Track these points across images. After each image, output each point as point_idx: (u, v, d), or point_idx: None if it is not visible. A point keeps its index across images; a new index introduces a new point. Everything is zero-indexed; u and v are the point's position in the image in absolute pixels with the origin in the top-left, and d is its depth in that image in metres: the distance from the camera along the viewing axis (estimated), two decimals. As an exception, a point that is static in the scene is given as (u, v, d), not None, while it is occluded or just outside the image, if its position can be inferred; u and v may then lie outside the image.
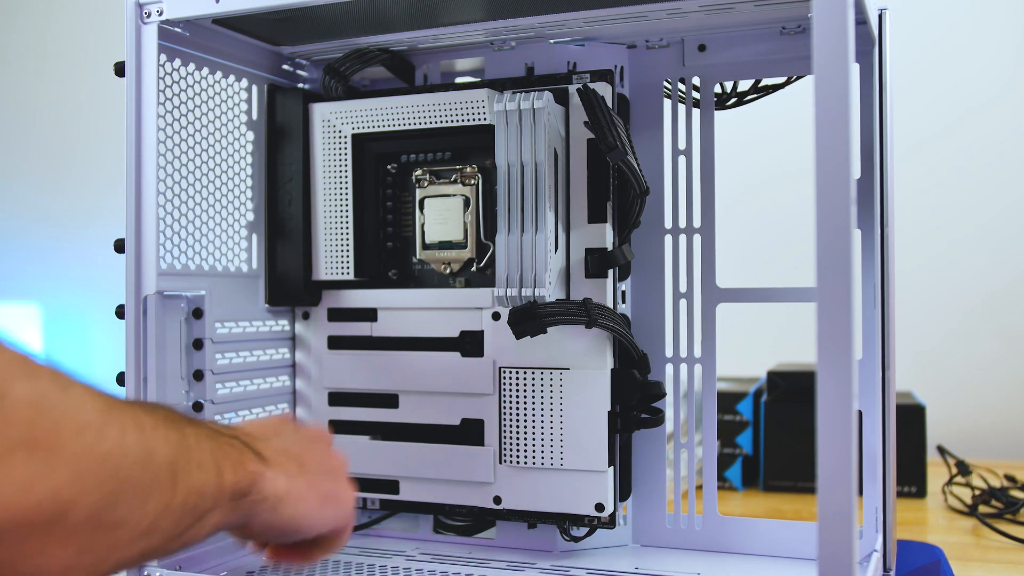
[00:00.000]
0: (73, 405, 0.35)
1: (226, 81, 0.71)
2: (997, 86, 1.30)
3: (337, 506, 0.53)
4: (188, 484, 0.41)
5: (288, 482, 0.48)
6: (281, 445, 0.51)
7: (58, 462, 0.34)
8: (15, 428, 0.32)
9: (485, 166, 0.70)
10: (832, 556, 0.41)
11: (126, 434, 0.37)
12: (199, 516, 0.42)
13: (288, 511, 0.49)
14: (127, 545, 0.38)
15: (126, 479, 0.37)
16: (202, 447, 0.43)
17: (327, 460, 0.54)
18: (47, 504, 0.33)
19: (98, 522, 0.36)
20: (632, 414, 0.67)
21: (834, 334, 0.41)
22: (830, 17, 0.42)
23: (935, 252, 1.31)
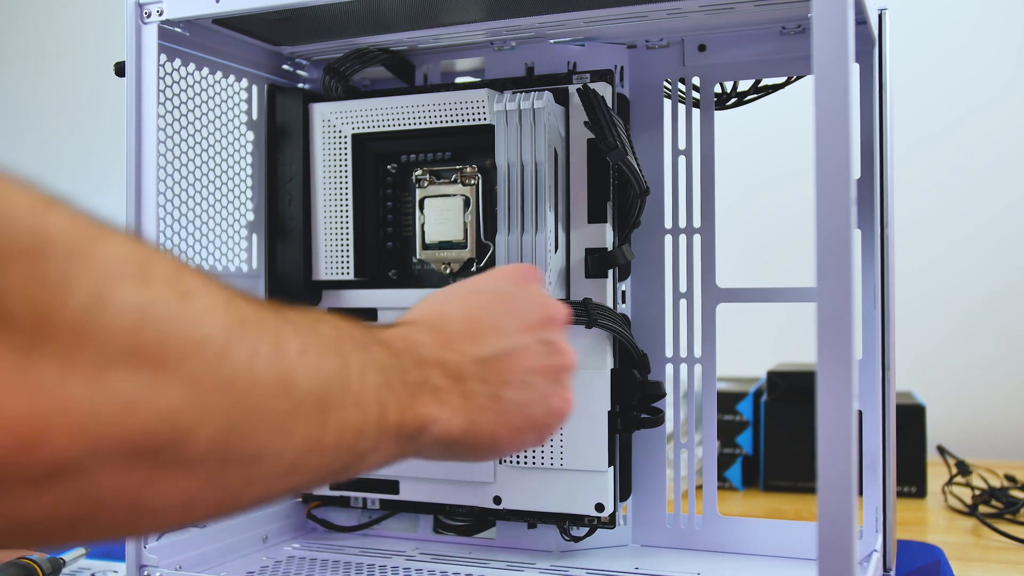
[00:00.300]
0: (190, 318, 0.30)
1: (226, 81, 0.71)
2: (997, 86, 1.30)
3: (536, 432, 0.46)
4: (342, 421, 0.36)
5: (468, 421, 0.42)
6: (480, 352, 0.44)
7: (169, 381, 0.29)
8: (114, 339, 0.27)
9: (485, 166, 0.70)
10: (832, 556, 0.41)
11: (257, 357, 0.32)
12: (357, 456, 0.37)
13: (463, 449, 0.43)
14: (267, 481, 0.33)
15: (258, 408, 0.32)
16: (365, 380, 0.37)
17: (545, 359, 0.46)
18: (158, 427, 0.28)
19: (226, 453, 0.31)
20: (632, 414, 0.67)
21: (834, 334, 0.41)
22: (830, 17, 0.42)
23: (935, 252, 1.31)
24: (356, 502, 0.74)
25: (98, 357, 0.27)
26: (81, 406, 0.26)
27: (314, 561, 0.69)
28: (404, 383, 0.40)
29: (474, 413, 0.43)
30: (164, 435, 0.29)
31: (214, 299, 0.31)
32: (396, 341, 0.42)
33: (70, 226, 0.27)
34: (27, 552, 0.64)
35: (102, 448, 0.27)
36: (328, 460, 0.36)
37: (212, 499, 0.32)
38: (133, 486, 0.29)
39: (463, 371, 0.43)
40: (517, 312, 0.47)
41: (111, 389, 0.27)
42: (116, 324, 0.27)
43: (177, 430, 0.29)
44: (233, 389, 0.31)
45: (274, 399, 0.32)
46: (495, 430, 0.44)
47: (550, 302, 0.49)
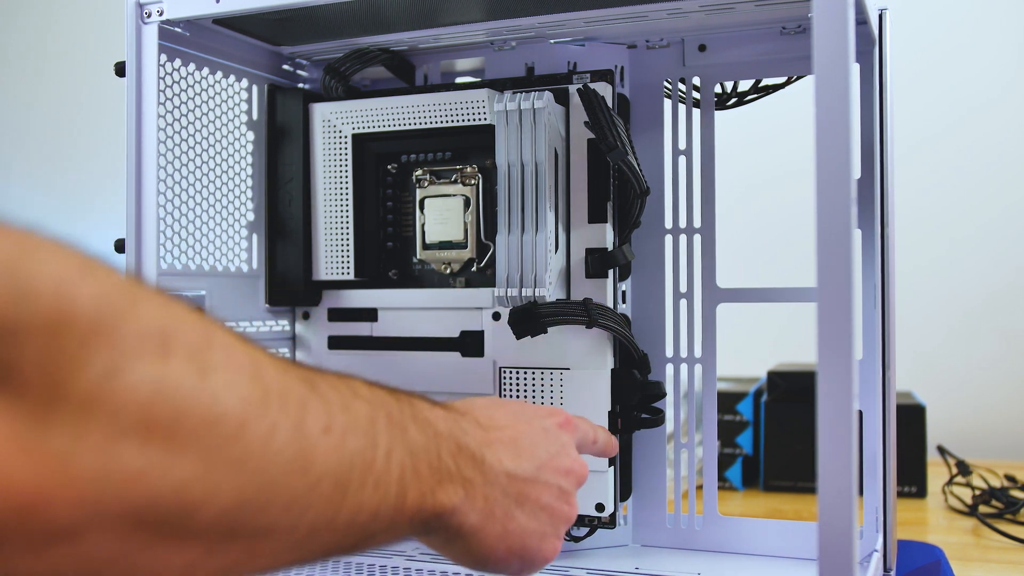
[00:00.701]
0: (208, 393, 0.30)
1: (226, 81, 0.71)
2: (998, 86, 1.30)
3: (522, 564, 0.47)
4: (358, 502, 0.36)
5: (480, 522, 0.44)
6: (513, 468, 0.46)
7: (181, 455, 0.29)
8: (127, 412, 0.27)
9: (485, 166, 0.70)
10: (832, 556, 0.41)
11: (275, 435, 0.32)
12: (367, 536, 0.37)
13: (461, 547, 0.44)
14: (272, 555, 0.34)
15: (271, 485, 0.32)
16: (391, 462, 0.37)
17: (556, 503, 0.49)
18: (165, 500, 0.29)
19: (234, 527, 0.31)
20: (632, 414, 0.67)
21: (834, 334, 0.41)
22: (830, 17, 0.42)
23: (936, 252, 1.31)
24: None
25: (109, 428, 0.27)
26: (87, 475, 0.27)
27: (314, 561, 0.68)
28: (433, 468, 0.40)
29: (487, 518, 0.44)
30: (170, 507, 0.29)
31: (237, 372, 0.31)
32: (440, 421, 0.42)
33: (98, 297, 0.28)
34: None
35: (105, 516, 0.28)
36: (338, 538, 0.36)
37: (212, 568, 0.32)
38: (132, 553, 0.29)
39: (494, 476, 0.45)
40: (552, 450, 0.49)
41: (119, 460, 0.27)
42: (130, 397, 0.28)
43: (184, 503, 0.29)
44: (247, 466, 0.31)
45: (289, 477, 0.32)
46: (495, 543, 0.45)
47: (578, 458, 0.52)
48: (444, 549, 0.46)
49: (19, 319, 0.26)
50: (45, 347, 0.26)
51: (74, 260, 0.28)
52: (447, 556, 0.47)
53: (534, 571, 0.49)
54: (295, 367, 0.36)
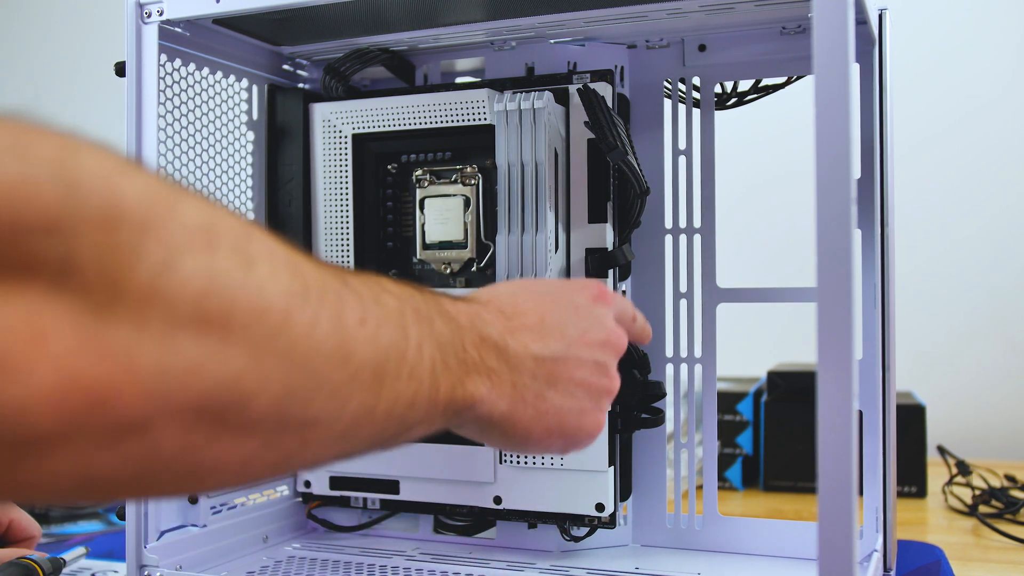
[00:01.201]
0: (254, 285, 0.30)
1: (226, 81, 0.71)
2: (998, 86, 1.30)
3: (564, 440, 0.47)
4: (395, 392, 0.37)
5: (510, 409, 0.44)
6: (539, 351, 0.46)
7: (233, 346, 0.29)
8: (182, 305, 0.28)
9: (485, 166, 0.70)
10: (832, 556, 0.41)
11: (318, 326, 0.33)
12: (406, 426, 0.38)
13: (497, 433, 0.45)
14: (320, 445, 0.34)
15: (316, 375, 0.33)
16: (422, 354, 0.38)
17: (591, 377, 0.48)
18: (222, 391, 0.29)
19: (285, 418, 0.32)
20: (632, 414, 0.67)
21: (834, 334, 0.41)
22: (830, 17, 0.42)
23: (936, 252, 1.31)
24: (356, 502, 0.74)
25: (166, 322, 0.28)
26: (150, 368, 0.27)
27: (314, 561, 0.69)
28: (459, 360, 0.41)
29: (517, 404, 0.44)
30: (227, 398, 0.30)
31: (278, 266, 0.32)
32: (462, 315, 0.43)
33: (143, 194, 0.28)
34: (28, 552, 0.64)
35: (169, 409, 0.28)
36: (379, 428, 0.37)
37: (268, 460, 0.33)
38: (195, 446, 0.30)
39: (519, 362, 0.45)
40: (583, 326, 0.49)
41: (179, 352, 0.28)
42: (184, 291, 0.28)
43: (240, 394, 0.30)
44: (293, 356, 0.32)
45: (332, 367, 0.33)
46: (530, 425, 0.45)
47: (615, 328, 0.51)
48: (483, 436, 0.46)
49: (74, 215, 0.26)
50: (101, 242, 0.26)
51: (117, 159, 0.29)
52: (489, 443, 0.47)
53: (580, 447, 0.49)
54: (327, 264, 0.37)
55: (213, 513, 0.68)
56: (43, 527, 0.72)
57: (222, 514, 0.69)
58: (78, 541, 0.82)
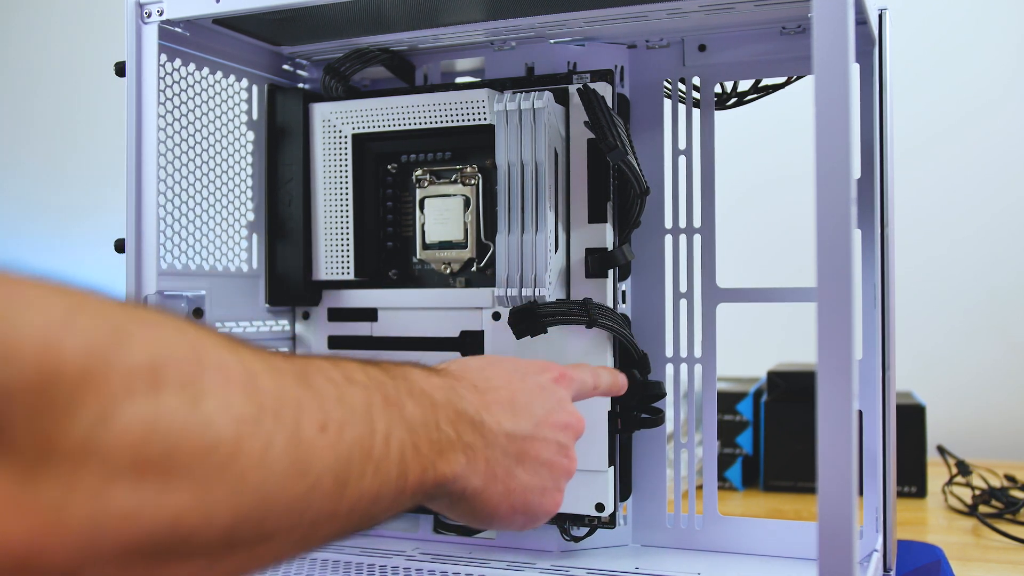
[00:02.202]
0: (201, 421, 0.29)
1: (226, 81, 0.71)
2: (998, 86, 1.30)
3: (526, 519, 0.48)
4: (359, 491, 0.36)
5: (483, 485, 0.44)
6: (511, 428, 0.46)
7: (175, 487, 0.28)
8: (118, 456, 0.27)
9: (485, 166, 0.70)
10: (832, 556, 0.41)
11: (271, 448, 0.31)
12: (370, 518, 0.38)
13: (465, 508, 0.45)
14: (274, 555, 0.34)
15: (270, 496, 0.31)
16: (390, 444, 0.37)
17: (555, 457, 0.49)
18: (162, 532, 0.28)
19: (233, 541, 0.31)
20: (632, 414, 0.67)
21: (834, 334, 0.41)
22: (830, 17, 0.42)
23: (936, 252, 1.31)
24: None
25: (101, 474, 0.27)
26: (81, 521, 0.27)
27: (314, 561, 0.69)
28: (432, 441, 0.41)
29: (489, 480, 0.45)
30: (167, 537, 0.29)
31: (231, 391, 0.31)
32: (436, 391, 0.43)
33: (83, 344, 0.27)
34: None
35: (100, 555, 0.27)
36: (341, 526, 0.36)
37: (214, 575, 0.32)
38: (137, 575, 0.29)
39: (494, 438, 0.45)
40: (548, 406, 0.50)
41: (113, 502, 0.27)
42: (122, 441, 0.27)
43: (181, 531, 0.29)
44: (244, 485, 0.30)
45: (287, 484, 0.32)
46: (499, 502, 0.46)
47: (575, 411, 0.52)
48: (449, 511, 0.46)
49: (5, 382, 0.25)
50: (32, 406, 0.26)
51: (59, 306, 0.27)
52: (452, 517, 0.47)
53: (538, 524, 0.50)
54: (289, 363, 0.35)
55: (213, 513, 0.68)
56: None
57: (222, 514, 0.69)
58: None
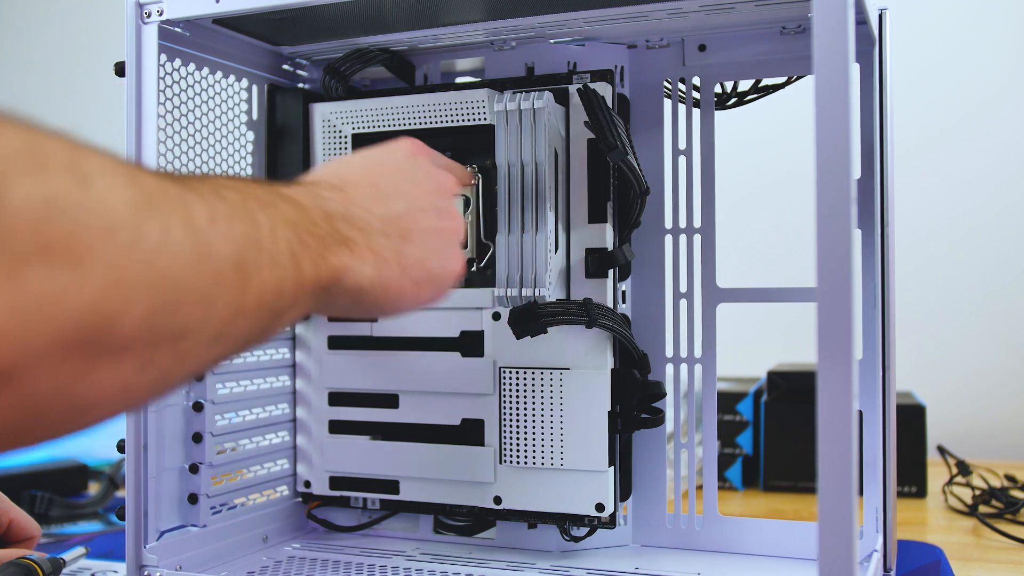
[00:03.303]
0: (96, 201, 0.29)
1: (226, 81, 0.71)
2: (998, 86, 1.30)
3: (433, 287, 0.49)
4: (260, 282, 0.36)
5: (376, 272, 0.44)
6: (384, 212, 0.47)
7: (88, 270, 0.28)
8: (21, 237, 0.26)
9: (485, 166, 0.70)
10: (832, 556, 0.41)
11: (171, 232, 0.32)
12: (277, 315, 0.38)
13: (370, 301, 0.45)
14: (196, 353, 0.34)
15: (180, 282, 0.32)
16: (277, 238, 0.38)
17: (439, 222, 0.50)
18: (85, 319, 0.28)
19: (156, 333, 0.31)
20: (632, 414, 0.67)
21: (834, 334, 0.41)
22: (830, 17, 0.42)
23: (936, 252, 1.31)
24: (356, 502, 0.74)
25: (8, 259, 0.26)
26: (3, 312, 0.26)
27: (314, 561, 0.69)
28: (314, 236, 0.41)
29: (381, 265, 0.45)
30: (92, 325, 0.29)
31: (116, 179, 0.31)
32: (301, 197, 0.43)
33: None
34: (28, 552, 0.64)
35: (33, 350, 0.27)
36: (251, 323, 0.37)
37: (147, 380, 0.32)
38: (70, 382, 0.29)
39: (368, 226, 0.45)
40: (413, 178, 0.51)
41: (30, 288, 0.27)
42: (20, 221, 0.27)
43: (104, 318, 0.29)
44: (153, 268, 0.31)
45: (194, 271, 0.33)
46: (400, 282, 0.46)
47: (440, 172, 0.53)
48: (358, 308, 0.46)
49: None
50: None
51: None
52: (366, 313, 0.47)
53: (448, 288, 0.51)
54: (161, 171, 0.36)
55: (213, 513, 0.68)
56: (43, 527, 0.72)
57: (222, 514, 0.69)
58: (78, 541, 0.82)
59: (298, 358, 0.76)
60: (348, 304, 0.45)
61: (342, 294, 0.43)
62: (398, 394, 0.72)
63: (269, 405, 0.74)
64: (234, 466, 0.70)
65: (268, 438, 0.74)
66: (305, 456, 0.75)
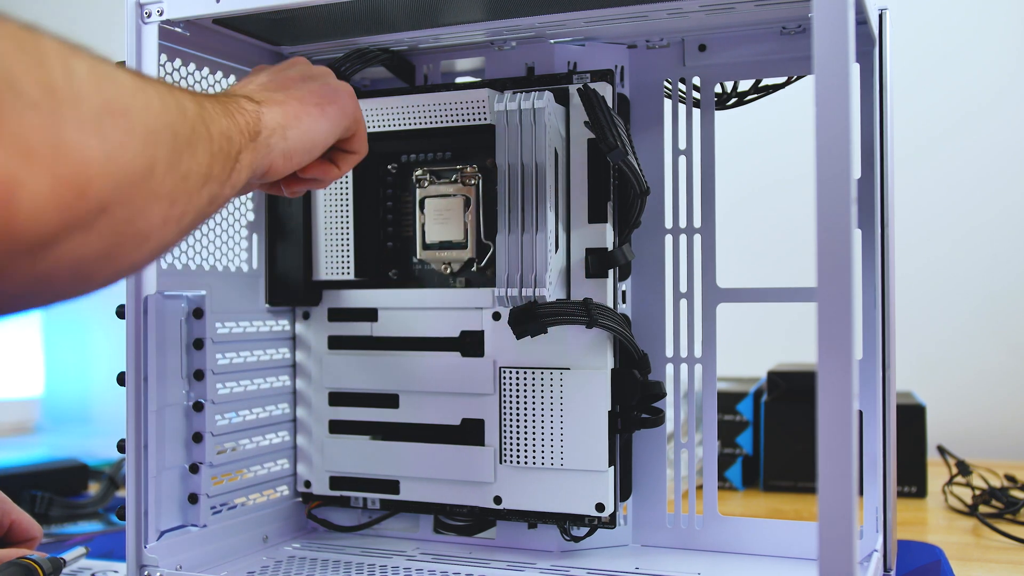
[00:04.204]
0: (120, 77, 0.37)
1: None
2: (998, 86, 1.30)
3: (337, 102, 0.56)
4: (219, 129, 0.44)
5: (282, 108, 0.52)
6: (259, 83, 0.55)
7: (134, 123, 0.37)
8: (95, 97, 0.35)
9: (485, 166, 0.70)
10: (832, 556, 0.41)
11: (163, 96, 0.40)
12: (235, 157, 0.46)
13: (296, 131, 0.52)
14: (198, 191, 0.42)
15: (179, 133, 0.40)
16: (211, 102, 0.46)
17: (307, 72, 0.58)
18: (140, 160, 0.37)
19: (174, 173, 0.39)
20: (632, 414, 0.67)
21: (834, 334, 0.41)
22: (830, 17, 0.42)
23: (936, 252, 1.31)
24: (356, 502, 0.74)
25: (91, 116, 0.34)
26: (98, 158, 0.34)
27: (314, 561, 0.69)
28: (225, 99, 0.48)
29: (280, 104, 0.53)
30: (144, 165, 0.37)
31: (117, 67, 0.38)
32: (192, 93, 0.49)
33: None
34: (28, 552, 0.64)
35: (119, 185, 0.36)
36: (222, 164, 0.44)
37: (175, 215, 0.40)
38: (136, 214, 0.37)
39: (254, 93, 0.53)
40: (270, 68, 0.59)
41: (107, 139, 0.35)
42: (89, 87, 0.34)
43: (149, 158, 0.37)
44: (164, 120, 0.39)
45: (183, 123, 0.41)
46: (303, 109, 0.54)
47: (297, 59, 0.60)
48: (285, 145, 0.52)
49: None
50: None
51: None
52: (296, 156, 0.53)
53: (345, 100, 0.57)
54: None
55: (213, 513, 0.68)
56: (43, 527, 0.72)
57: (222, 514, 0.69)
58: (78, 541, 0.82)
59: (298, 358, 0.76)
60: (282, 144, 0.51)
61: (271, 135, 0.50)
62: (398, 394, 0.72)
63: (269, 405, 0.74)
64: (234, 466, 0.70)
65: (268, 438, 0.74)
66: (305, 456, 0.75)
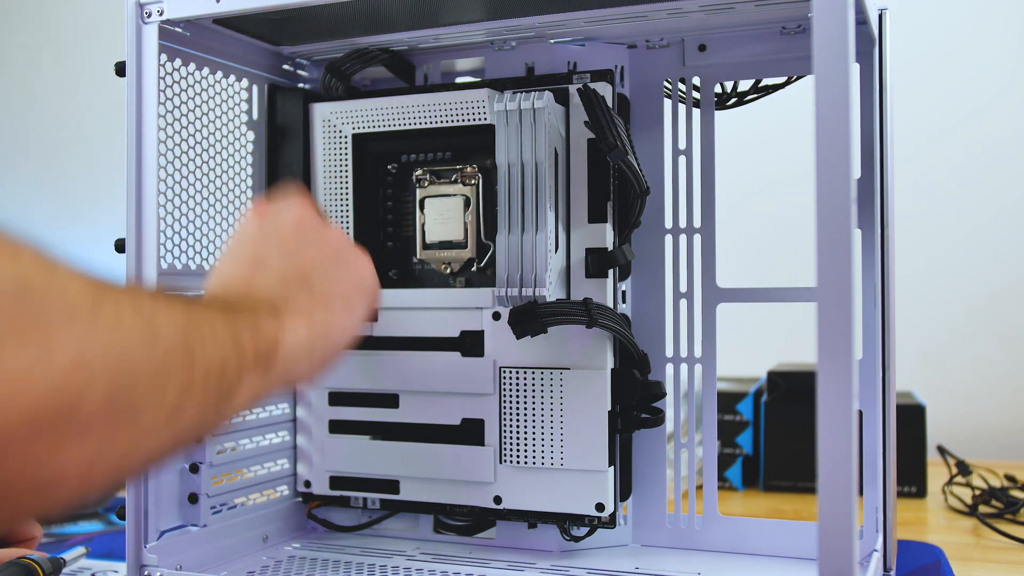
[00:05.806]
0: (60, 287, 0.32)
1: (226, 81, 0.71)
2: (998, 86, 1.30)
3: (362, 289, 0.52)
4: (206, 359, 0.38)
5: (307, 321, 0.47)
6: (279, 274, 0.49)
7: (54, 349, 0.30)
8: (2, 315, 0.29)
9: (485, 166, 0.70)
10: (832, 556, 0.41)
11: (123, 316, 0.34)
12: (226, 392, 0.40)
13: (323, 347, 0.48)
14: (152, 433, 0.36)
15: (134, 362, 0.34)
16: (214, 320, 0.40)
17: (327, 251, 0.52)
18: (52, 396, 0.30)
19: (114, 412, 0.33)
20: (632, 414, 0.67)
21: (834, 334, 0.41)
22: (830, 17, 0.42)
23: (936, 252, 1.31)
24: (356, 502, 0.74)
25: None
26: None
27: (314, 561, 0.69)
28: (242, 313, 0.43)
29: (306, 314, 0.47)
30: (59, 403, 0.30)
31: (71, 269, 0.33)
32: (207, 299, 0.45)
33: None
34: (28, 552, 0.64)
35: (7, 427, 0.29)
36: (201, 401, 0.38)
37: (108, 462, 0.34)
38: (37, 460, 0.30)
39: (272, 294, 0.47)
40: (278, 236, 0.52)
41: (5, 367, 0.29)
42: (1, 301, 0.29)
43: (70, 396, 0.31)
44: (110, 348, 0.33)
45: (147, 351, 0.35)
46: (330, 317, 0.49)
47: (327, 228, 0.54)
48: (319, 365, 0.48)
49: None
50: None
51: None
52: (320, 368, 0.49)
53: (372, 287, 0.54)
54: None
55: (213, 513, 0.68)
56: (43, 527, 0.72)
57: (222, 514, 0.69)
58: (78, 541, 0.82)
59: (298, 358, 0.76)
60: (306, 362, 0.46)
61: (293, 358, 0.45)
62: (398, 394, 0.72)
63: (269, 404, 0.74)
64: (234, 466, 0.70)
65: (268, 438, 0.74)
66: (305, 456, 0.75)
